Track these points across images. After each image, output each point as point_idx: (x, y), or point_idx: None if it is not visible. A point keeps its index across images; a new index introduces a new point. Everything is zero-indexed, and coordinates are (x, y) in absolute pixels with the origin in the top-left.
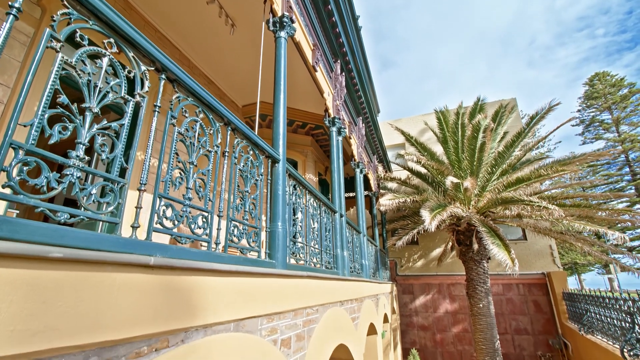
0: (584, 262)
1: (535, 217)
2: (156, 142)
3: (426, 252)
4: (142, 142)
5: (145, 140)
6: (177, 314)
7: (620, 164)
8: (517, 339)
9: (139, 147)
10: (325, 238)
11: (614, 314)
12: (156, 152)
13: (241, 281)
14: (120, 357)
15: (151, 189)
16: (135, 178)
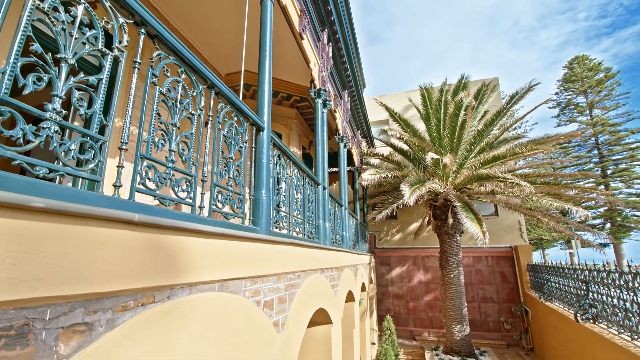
0: (548, 238)
1: (507, 194)
2: (137, 98)
3: (404, 227)
4: (122, 102)
5: (125, 99)
6: (162, 271)
7: (590, 147)
8: (483, 307)
9: (119, 106)
10: (308, 209)
11: (571, 283)
12: (137, 112)
13: (225, 244)
14: (106, 309)
15: (133, 150)
16: (117, 138)
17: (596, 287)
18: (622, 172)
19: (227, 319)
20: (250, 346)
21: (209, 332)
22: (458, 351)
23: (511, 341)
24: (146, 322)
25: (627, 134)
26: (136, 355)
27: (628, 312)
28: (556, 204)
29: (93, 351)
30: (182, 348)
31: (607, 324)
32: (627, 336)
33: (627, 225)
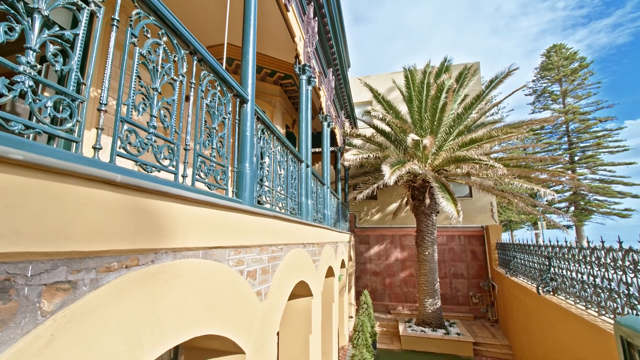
0: (517, 220)
1: (482, 176)
2: (116, 59)
3: (383, 207)
4: (100, 63)
5: (103, 59)
6: (146, 235)
7: (560, 134)
8: (454, 282)
9: (97, 67)
10: (291, 185)
11: (535, 259)
12: (116, 75)
13: (209, 212)
14: (89, 269)
15: (113, 113)
16: (96, 102)
17: (557, 262)
18: (588, 158)
19: (211, 285)
20: (234, 312)
21: (193, 296)
22: (429, 323)
23: (478, 314)
24: (131, 284)
25: (595, 123)
26: (121, 315)
27: (584, 284)
28: (526, 185)
29: (77, 309)
30: (168, 311)
31: (565, 295)
32: (582, 306)
33: (589, 208)
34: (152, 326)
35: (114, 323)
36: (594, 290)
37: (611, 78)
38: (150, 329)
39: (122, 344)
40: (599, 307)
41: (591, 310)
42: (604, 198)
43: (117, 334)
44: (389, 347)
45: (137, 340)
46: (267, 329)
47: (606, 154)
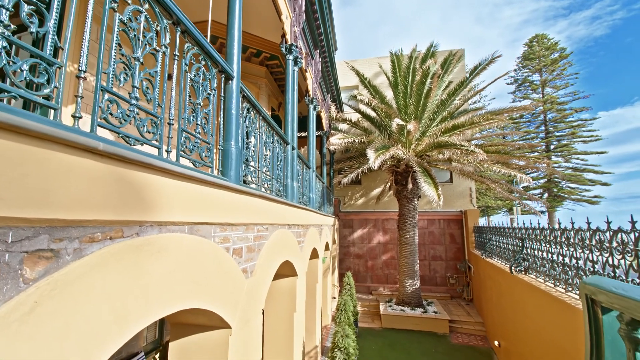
0: (493, 206)
1: (462, 161)
2: (95, 25)
3: (367, 192)
4: (78, 26)
5: (81, 22)
6: (130, 206)
7: (538, 123)
8: (432, 264)
9: (75, 32)
10: (277, 167)
11: (510, 241)
12: (95, 46)
13: (195, 187)
14: (72, 239)
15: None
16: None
17: (530, 243)
18: (563, 147)
19: (197, 260)
20: (220, 288)
21: (179, 270)
22: (409, 302)
23: (455, 293)
24: (115, 255)
25: (571, 113)
26: (106, 285)
27: (554, 263)
28: (505, 171)
29: (61, 277)
30: (154, 283)
31: (536, 274)
32: (551, 283)
33: (561, 195)
34: (138, 298)
35: (100, 293)
36: (562, 268)
37: (587, 70)
38: (136, 300)
39: (108, 313)
40: (566, 284)
41: (559, 287)
42: (575, 185)
43: (102, 304)
44: (370, 326)
45: (123, 311)
46: (253, 306)
47: (580, 143)
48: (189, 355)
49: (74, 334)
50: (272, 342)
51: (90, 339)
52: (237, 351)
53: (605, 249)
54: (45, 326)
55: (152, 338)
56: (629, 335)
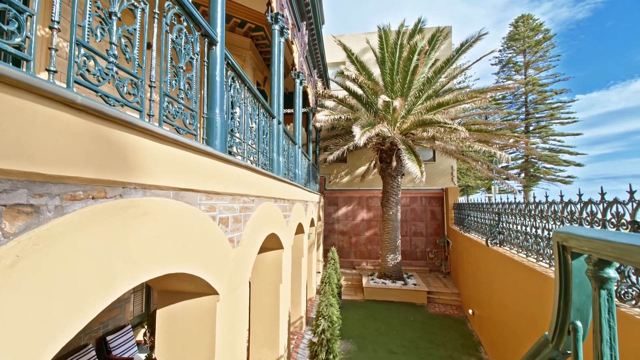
0: (473, 186)
1: (445, 140)
2: None
3: (352, 170)
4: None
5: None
6: (112, 166)
7: (519, 104)
8: (413, 240)
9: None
10: (262, 141)
11: (487, 216)
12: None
13: (179, 153)
14: (53, 195)
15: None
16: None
17: (506, 217)
18: (541, 129)
19: (183, 226)
20: (207, 254)
21: (166, 234)
22: (390, 276)
23: (433, 267)
24: (100, 215)
25: (551, 95)
26: (91, 244)
27: (527, 235)
28: (485, 148)
29: (43, 233)
30: (140, 245)
31: (510, 246)
32: (524, 254)
33: (537, 175)
34: (124, 259)
35: (85, 252)
36: (535, 240)
37: (569, 52)
38: (123, 261)
39: (93, 272)
40: (538, 254)
41: (531, 258)
42: (551, 166)
43: (88, 263)
44: (353, 298)
45: (109, 271)
46: (240, 274)
47: (557, 124)
48: (177, 322)
49: (60, 291)
50: (258, 312)
51: (77, 297)
52: (224, 317)
53: (576, 220)
54: (29, 281)
55: (139, 312)
56: (595, 274)
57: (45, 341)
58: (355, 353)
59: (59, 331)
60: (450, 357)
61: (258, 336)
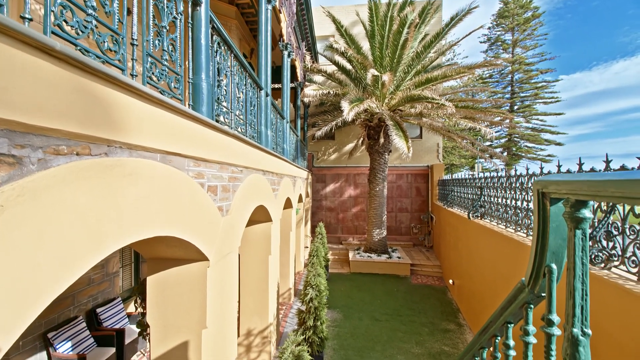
0: (457, 164)
1: (432, 116)
2: None
3: (340, 147)
4: None
5: None
6: (95, 121)
7: (505, 83)
8: (399, 216)
9: None
10: (250, 112)
11: (470, 190)
12: None
13: (165, 115)
14: (35, 147)
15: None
16: None
17: (488, 191)
18: (525, 108)
19: (172, 190)
20: (197, 220)
21: (154, 196)
22: (375, 250)
23: (417, 242)
24: (85, 172)
25: (537, 74)
26: (78, 201)
27: (507, 207)
28: (471, 124)
29: (27, 185)
30: (128, 205)
31: (491, 219)
32: (503, 226)
33: (519, 154)
34: (113, 217)
35: (72, 208)
36: (514, 211)
37: (555, 32)
38: (111, 219)
39: (81, 229)
40: (516, 225)
41: (509, 228)
42: (532, 145)
43: (76, 219)
44: (340, 271)
45: (98, 229)
46: (229, 242)
47: (541, 104)
48: (168, 288)
49: (49, 244)
50: (248, 283)
51: (66, 252)
52: (215, 283)
53: None
54: (15, 233)
55: (128, 286)
56: (572, 215)
57: (37, 292)
58: (341, 321)
59: (49, 284)
60: (430, 323)
61: (248, 305)
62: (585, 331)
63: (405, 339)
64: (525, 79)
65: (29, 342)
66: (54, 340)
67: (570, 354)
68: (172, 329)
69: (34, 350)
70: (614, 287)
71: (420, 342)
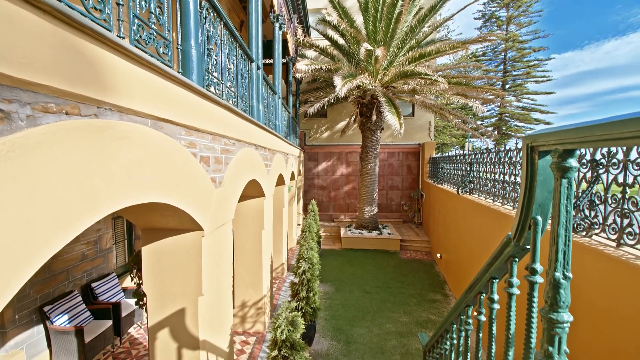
0: (448, 144)
1: (425, 92)
2: None
3: (332, 125)
4: None
5: None
6: (83, 80)
7: (498, 62)
8: (389, 193)
9: None
10: (241, 85)
11: (460, 167)
12: None
13: (155, 79)
14: (23, 103)
15: None
16: None
17: (477, 166)
18: (517, 87)
19: (165, 157)
20: (190, 189)
21: (147, 162)
22: (366, 226)
23: (407, 218)
24: (76, 132)
25: (530, 52)
26: (70, 161)
27: (495, 182)
28: (463, 101)
29: (18, 140)
30: (120, 168)
31: (479, 194)
32: (490, 200)
33: (508, 133)
34: (106, 179)
35: (65, 167)
36: (502, 185)
37: (549, 9)
38: (104, 181)
39: (75, 189)
40: (503, 199)
41: (497, 202)
42: (522, 124)
43: (69, 179)
44: (332, 247)
45: (91, 190)
46: (223, 213)
47: (532, 83)
48: (164, 257)
49: (42, 202)
50: (243, 257)
51: (60, 211)
52: (210, 252)
53: None
54: (7, 189)
55: (122, 262)
56: (559, 165)
57: (33, 248)
58: (333, 293)
59: (45, 241)
60: (418, 294)
61: (243, 278)
62: (567, 274)
63: (394, 309)
64: (518, 57)
65: (25, 315)
66: (50, 313)
67: (551, 297)
68: (168, 297)
69: (31, 323)
70: (593, 253)
71: (408, 312)
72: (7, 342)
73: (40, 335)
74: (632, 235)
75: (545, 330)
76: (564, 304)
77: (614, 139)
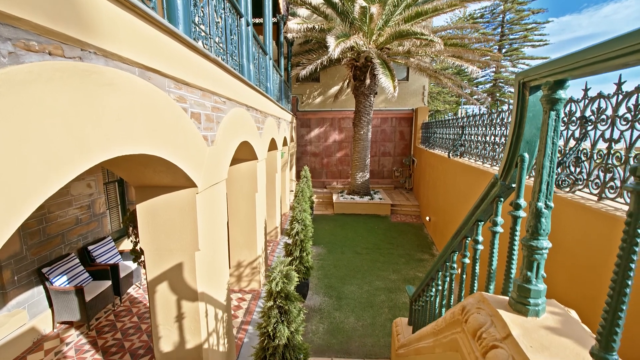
0: (442, 110)
1: (420, 54)
2: None
3: (325, 90)
4: None
5: None
6: (64, 18)
7: (496, 25)
8: (382, 160)
9: None
10: (230, 42)
11: (452, 131)
12: None
13: (142, 25)
14: (4, 39)
15: None
16: None
17: (469, 129)
18: (513, 52)
19: (154, 108)
20: (182, 144)
21: (136, 111)
22: (358, 192)
23: (398, 184)
24: (61, 73)
25: (528, 14)
26: (57, 103)
27: (485, 144)
28: (458, 63)
29: (1, 76)
30: (109, 114)
31: (469, 157)
32: (480, 162)
33: (502, 100)
34: (95, 125)
35: (52, 110)
36: (492, 147)
37: None
38: (94, 127)
39: (65, 133)
40: (492, 160)
41: (486, 164)
42: None
43: (58, 122)
44: (324, 213)
45: (82, 134)
46: (216, 170)
47: (529, 47)
48: (159, 214)
49: (33, 141)
50: (237, 219)
51: (52, 154)
52: (204, 209)
53: None
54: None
55: (117, 227)
56: (548, 97)
57: (27, 187)
58: (325, 255)
59: (39, 181)
60: (407, 254)
61: (237, 240)
62: (548, 204)
63: (384, 268)
64: (517, 19)
65: (24, 277)
66: (49, 274)
67: (532, 225)
68: (165, 252)
69: (30, 285)
70: (576, 206)
71: (397, 270)
72: (9, 302)
73: (40, 295)
74: (613, 189)
75: (525, 258)
76: (544, 232)
77: (605, 59)
